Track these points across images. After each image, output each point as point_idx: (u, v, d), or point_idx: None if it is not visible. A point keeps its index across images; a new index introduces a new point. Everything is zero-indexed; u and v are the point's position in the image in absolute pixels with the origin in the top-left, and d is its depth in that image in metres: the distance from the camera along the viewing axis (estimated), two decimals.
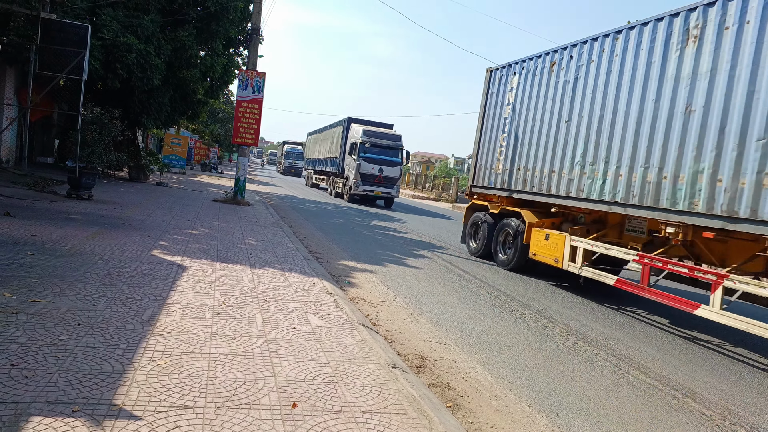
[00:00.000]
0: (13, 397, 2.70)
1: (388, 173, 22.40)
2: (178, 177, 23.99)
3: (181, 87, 18.30)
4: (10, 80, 14.49)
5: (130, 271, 5.52)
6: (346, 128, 24.68)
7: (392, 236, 12.72)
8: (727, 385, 4.93)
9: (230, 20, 17.00)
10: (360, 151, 22.03)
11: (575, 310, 7.20)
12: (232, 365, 3.50)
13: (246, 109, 14.96)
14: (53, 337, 3.51)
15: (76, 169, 10.80)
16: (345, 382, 3.50)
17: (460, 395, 3.92)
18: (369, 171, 22.02)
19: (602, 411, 3.96)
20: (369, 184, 22.09)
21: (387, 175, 22.31)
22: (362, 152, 22.01)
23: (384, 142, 22.58)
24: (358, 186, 22.06)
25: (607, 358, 5.24)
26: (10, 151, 14.79)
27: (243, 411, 2.91)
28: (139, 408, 2.78)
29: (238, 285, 5.64)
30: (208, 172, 35.17)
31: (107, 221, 8.53)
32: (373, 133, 22.85)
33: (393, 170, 22.56)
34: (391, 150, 22.72)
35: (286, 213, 15.31)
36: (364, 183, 22.05)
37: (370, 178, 22.07)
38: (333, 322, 4.83)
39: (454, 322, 5.83)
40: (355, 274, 7.68)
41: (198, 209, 12.20)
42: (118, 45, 13.72)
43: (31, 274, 4.88)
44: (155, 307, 4.46)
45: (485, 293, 7.50)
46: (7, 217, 7.57)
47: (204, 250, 7.33)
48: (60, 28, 11.87)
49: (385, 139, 22.73)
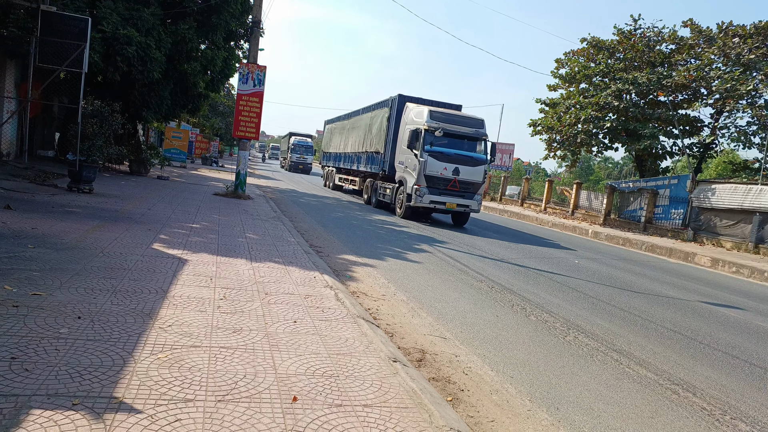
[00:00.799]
0: (14, 390, 2.70)
1: (467, 176, 15.03)
2: (179, 171, 23.98)
3: (182, 80, 18.23)
4: (10, 73, 14.45)
5: (131, 265, 5.52)
6: (397, 110, 17.37)
7: (393, 230, 12.71)
8: (727, 380, 4.93)
9: (231, 13, 16.91)
10: (425, 142, 14.65)
11: (576, 304, 7.20)
12: (232, 359, 3.50)
13: (247, 102, 14.91)
14: (54, 330, 3.51)
15: (77, 163, 10.79)
16: (345, 376, 3.50)
17: (461, 389, 3.92)
18: (439, 172, 14.74)
19: (603, 405, 3.96)
20: (439, 192, 14.84)
21: (465, 179, 14.99)
22: (428, 144, 14.67)
23: (462, 130, 15.21)
24: (422, 195, 14.73)
25: (607, 352, 5.23)
26: (10, 144, 14.77)
27: (243, 404, 2.91)
28: (139, 401, 2.78)
29: (239, 279, 5.63)
30: (208, 165, 35.13)
31: (108, 214, 8.52)
32: (446, 116, 15.32)
33: (474, 171, 15.14)
34: (470, 141, 15.42)
35: (287, 207, 15.30)
36: (431, 190, 14.74)
37: (440, 182, 14.82)
38: (334, 315, 4.82)
39: (454, 316, 5.82)
40: (355, 268, 7.67)
41: (198, 203, 12.19)
42: (118, 38, 13.66)
43: (32, 267, 4.88)
44: (156, 301, 4.46)
45: (486, 287, 7.49)
46: (8, 210, 7.56)
47: (204, 243, 7.33)
48: (60, 21, 11.83)
49: (462, 125, 15.36)
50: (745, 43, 21.04)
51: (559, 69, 27.73)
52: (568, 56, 27.26)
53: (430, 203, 14.88)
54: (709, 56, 22.12)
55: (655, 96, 23.52)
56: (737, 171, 24.54)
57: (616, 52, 25.50)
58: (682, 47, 23.74)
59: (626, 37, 24.95)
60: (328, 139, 28.98)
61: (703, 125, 24.12)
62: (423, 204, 14.91)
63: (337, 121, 27.32)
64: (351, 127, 23.37)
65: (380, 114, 18.81)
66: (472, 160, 15.20)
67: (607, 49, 25.63)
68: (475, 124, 15.61)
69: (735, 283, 11.76)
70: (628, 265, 12.26)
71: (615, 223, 22.35)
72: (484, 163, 15.38)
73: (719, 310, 8.26)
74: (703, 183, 19.21)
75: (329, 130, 28.97)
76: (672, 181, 20.37)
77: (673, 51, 24.32)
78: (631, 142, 23.99)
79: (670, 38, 24.06)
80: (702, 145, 23.98)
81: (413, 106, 16.30)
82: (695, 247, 16.43)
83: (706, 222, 18.33)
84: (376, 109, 19.77)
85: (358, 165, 21.49)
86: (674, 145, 24.55)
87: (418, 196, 14.80)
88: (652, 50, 24.39)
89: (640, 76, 22.80)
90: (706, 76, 21.86)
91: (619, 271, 11.04)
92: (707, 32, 22.79)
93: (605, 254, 13.88)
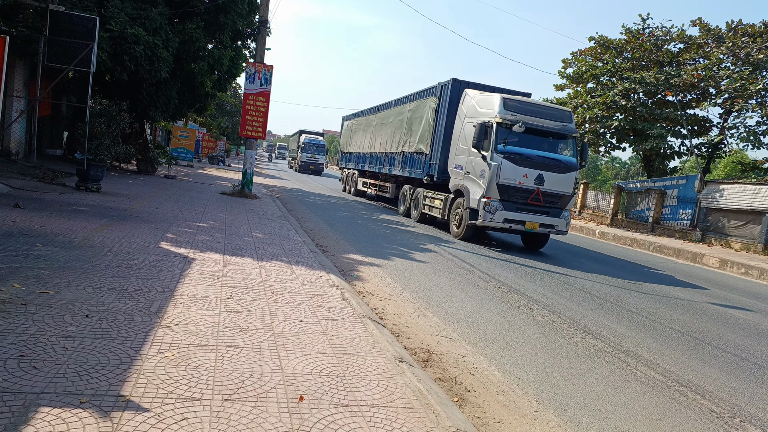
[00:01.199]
0: (23, 388, 2.72)
1: (553, 185, 11.37)
2: (186, 170, 24.07)
3: (189, 79, 18.30)
4: (19, 73, 14.55)
5: (138, 263, 5.54)
6: (449, 99, 13.51)
7: (399, 230, 12.70)
8: (736, 382, 4.89)
9: (238, 12, 16.95)
10: (498, 140, 11.07)
11: (583, 305, 7.16)
12: (239, 358, 3.51)
13: (253, 101, 14.94)
14: (62, 328, 3.53)
15: (85, 162, 10.85)
16: (352, 376, 3.50)
17: (467, 390, 3.90)
18: (517, 181, 11.09)
19: (610, 407, 3.93)
20: (516, 208, 11.19)
21: (551, 190, 11.35)
22: (501, 142, 11.07)
23: (546, 124, 11.54)
24: (493, 211, 11.05)
25: (615, 353, 5.20)
26: (19, 143, 14.87)
27: (250, 403, 2.91)
28: (146, 400, 2.78)
29: (245, 278, 5.64)
30: (215, 165, 35.28)
31: (115, 213, 8.56)
32: (523, 105, 11.64)
33: (563, 180, 11.46)
34: (554, 139, 11.75)
35: (294, 206, 15.32)
36: (505, 205, 11.12)
37: (518, 194, 11.18)
38: (340, 315, 4.82)
39: (461, 316, 5.81)
40: (361, 267, 7.67)
41: (205, 202, 12.23)
42: (126, 37, 13.73)
43: (40, 265, 4.91)
44: (163, 299, 4.47)
45: (492, 288, 7.47)
46: (17, 208, 7.61)
47: (211, 242, 7.35)
48: (68, 20, 11.92)
49: (545, 118, 11.63)
50: (755, 42, 20.86)
51: (566, 69, 27.62)
52: (575, 56, 27.15)
53: (504, 222, 11.11)
54: (718, 55, 21.95)
55: (663, 95, 23.36)
56: (746, 171, 24.33)
57: (623, 51, 25.37)
58: (690, 46, 23.58)
59: (634, 37, 24.82)
60: (347, 137, 25.13)
61: (711, 125, 23.95)
62: (494, 223, 11.11)
63: (359, 116, 23.64)
64: (379, 122, 19.75)
65: (424, 105, 15.06)
66: (560, 165, 11.45)
67: (615, 49, 25.49)
68: (561, 116, 11.84)
69: (744, 284, 11.67)
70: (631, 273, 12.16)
71: (622, 223, 22.24)
72: (574, 169, 11.55)
73: (728, 311, 8.19)
74: (711, 183, 19.08)
75: (349, 127, 25.12)
76: (680, 181, 20.24)
77: (681, 50, 24.15)
78: (639, 141, 23.85)
79: (679, 37, 23.90)
80: (710, 145, 23.79)
81: (475, 94, 12.69)
82: (703, 248, 16.32)
83: (714, 222, 18.20)
84: (417, 100, 16.06)
85: (390, 168, 17.84)
86: (682, 145, 24.38)
87: (488, 212, 11.01)
88: (660, 49, 24.24)
89: (648, 75, 22.65)
90: (714, 75, 21.69)
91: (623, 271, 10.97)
92: (716, 31, 22.62)
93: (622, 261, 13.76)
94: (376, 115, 20.41)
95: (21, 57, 14.06)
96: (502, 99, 11.50)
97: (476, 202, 11.42)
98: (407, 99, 17.19)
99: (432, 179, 14.09)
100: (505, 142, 11.12)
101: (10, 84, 14.27)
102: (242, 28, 18.82)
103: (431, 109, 14.41)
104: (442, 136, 13.63)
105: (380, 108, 20.38)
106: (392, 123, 17.95)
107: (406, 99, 17.30)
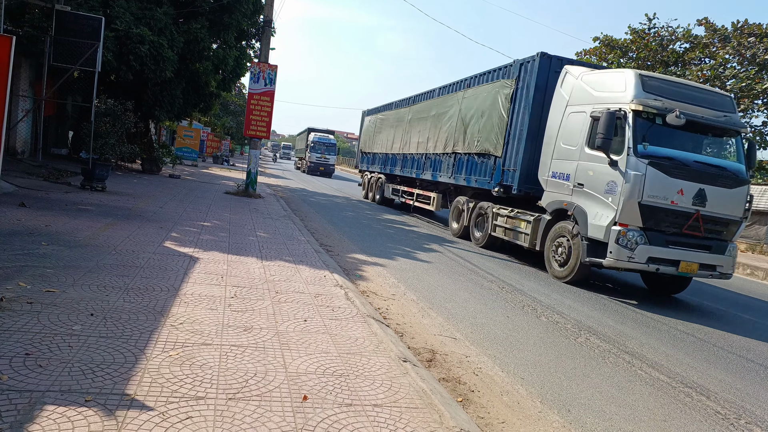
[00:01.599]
0: (28, 386, 2.73)
1: (717, 206, 7.79)
2: (190, 169, 24.14)
3: (194, 79, 18.34)
4: (25, 72, 14.61)
5: (143, 262, 5.55)
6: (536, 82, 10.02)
7: (402, 230, 12.69)
8: (742, 383, 4.86)
9: (243, 12, 16.97)
10: (636, 137, 7.64)
11: (587, 305, 7.14)
12: (243, 357, 3.51)
13: (258, 101, 14.98)
14: (67, 327, 3.54)
15: (90, 161, 10.89)
16: (356, 375, 3.50)
17: (471, 390, 3.90)
18: (668, 200, 7.56)
19: (615, 408, 3.92)
20: (665, 241, 7.66)
21: (715, 213, 7.78)
22: (640, 141, 7.63)
23: (705, 114, 7.91)
24: (632, 245, 7.54)
25: (619, 354, 5.18)
26: (25, 142, 14.94)
27: (254, 403, 2.91)
28: (151, 398, 2.79)
29: (250, 277, 5.65)
30: (219, 164, 35.34)
31: (120, 212, 8.59)
32: (673, 87, 8.17)
33: (730, 198, 7.88)
34: (714, 136, 8.53)
35: (297, 206, 15.33)
36: (650, 236, 7.61)
37: (669, 220, 7.68)
38: (344, 315, 4.82)
39: (464, 316, 5.80)
40: (365, 267, 7.67)
41: (210, 201, 12.26)
42: (131, 37, 13.77)
43: (46, 264, 4.93)
44: (167, 298, 4.49)
45: (496, 288, 7.46)
46: (23, 207, 7.65)
47: (216, 242, 7.36)
48: (74, 20, 11.97)
49: (703, 105, 8.01)
50: (761, 42, 20.75)
51: None
52: (580, 56, 27.06)
53: (648, 263, 7.59)
54: (724, 55, 21.85)
55: None
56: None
57: (629, 51, 25.27)
58: (696, 46, 23.47)
59: (640, 37, 24.73)
60: (369, 135, 21.60)
61: None
62: (634, 264, 7.61)
63: (386, 110, 20.10)
64: (416, 117, 16.35)
65: (490, 93, 11.52)
66: (726, 176, 7.96)
67: (620, 48, 25.41)
68: (722, 104, 8.30)
69: (749, 285, 11.61)
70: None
71: None
72: (745, 182, 8.03)
73: (733, 312, 8.15)
74: None
75: (372, 123, 21.41)
76: None
77: (687, 50, 24.05)
78: None
79: (684, 37, 23.80)
80: None
81: (582, 71, 9.13)
82: None
83: None
84: (476, 86, 12.43)
85: (435, 173, 14.38)
86: None
87: (625, 246, 7.53)
88: (666, 49, 24.14)
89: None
90: (720, 75, 21.59)
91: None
92: (722, 31, 22.51)
93: None
94: (411, 108, 17.04)
95: (27, 57, 14.12)
96: (639, 77, 7.94)
97: (602, 230, 7.76)
98: (458, 85, 13.71)
99: (506, 191, 10.57)
100: (645, 141, 7.62)
101: (16, 83, 14.34)
102: (247, 28, 18.85)
103: (504, 97, 10.88)
104: (524, 132, 10.04)
105: (416, 99, 16.95)
106: (436, 117, 14.64)
107: (458, 85, 13.77)
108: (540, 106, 9.85)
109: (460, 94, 13.24)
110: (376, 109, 21.48)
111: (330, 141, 39.52)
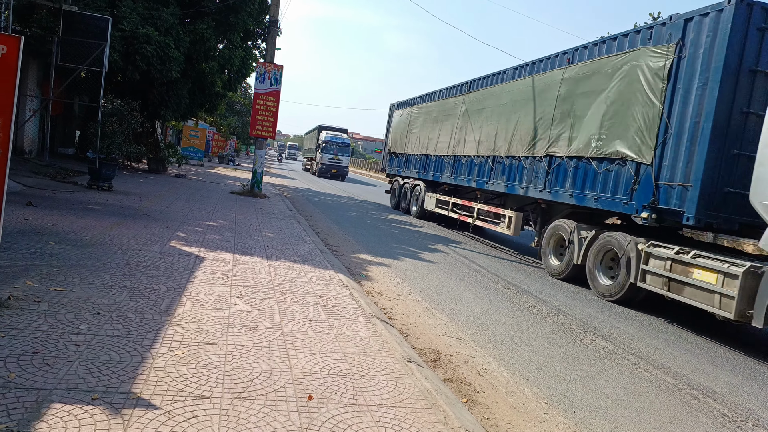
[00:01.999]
0: (35, 384, 2.75)
1: None
2: (196, 169, 24.22)
3: (200, 79, 18.41)
4: (32, 72, 14.71)
5: (149, 262, 5.58)
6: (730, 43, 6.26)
7: (407, 230, 12.69)
8: (749, 385, 4.83)
9: (248, 12, 17.04)
10: None
11: (593, 306, 7.11)
12: (248, 356, 3.52)
13: (264, 101, 15.00)
14: (74, 326, 3.56)
15: (97, 160, 10.96)
16: (360, 375, 3.50)
17: (476, 391, 3.89)
18: None
19: (620, 409, 3.90)
20: None
21: None
22: None
23: None
24: None
25: (625, 355, 5.16)
26: (32, 141, 15.04)
27: (259, 402, 2.92)
28: (157, 397, 2.80)
29: (255, 277, 5.67)
30: (225, 164, 35.45)
31: (127, 212, 8.63)
32: None
33: None
34: None
35: (303, 206, 15.35)
36: None
37: None
38: (349, 315, 4.83)
39: (470, 317, 5.79)
40: (370, 267, 7.67)
41: (215, 201, 12.30)
42: (137, 37, 13.85)
43: (53, 263, 4.96)
44: (173, 298, 4.50)
45: (501, 288, 7.44)
46: (30, 206, 7.70)
47: (221, 241, 7.38)
48: (81, 21, 12.07)
49: None
50: None
51: None
52: None
53: None
54: None
55: None
56: None
57: None
58: None
59: None
60: (401, 133, 17.74)
61: None
62: None
63: (424, 101, 16.45)
64: (476, 107, 12.67)
65: (623, 65, 7.95)
66: None
67: None
68: None
69: None
70: None
71: None
72: None
73: None
74: None
75: (406, 117, 17.45)
76: None
77: None
78: None
79: None
80: None
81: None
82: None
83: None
84: (598, 58, 8.62)
85: (511, 182, 10.73)
86: None
87: None
88: None
89: None
90: None
91: None
92: None
93: None
94: (466, 97, 13.26)
95: (35, 57, 14.22)
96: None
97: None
98: (550, 63, 10.07)
99: (661, 217, 7.17)
100: None
101: (23, 83, 14.45)
102: (253, 28, 18.91)
103: (651, 72, 7.39)
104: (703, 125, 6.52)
105: (473, 85, 13.19)
106: (509, 106, 11.07)
107: (549, 63, 10.12)
108: (733, 85, 6.41)
109: (558, 73, 9.56)
110: (411, 101, 17.68)
111: (343, 140, 35.88)
